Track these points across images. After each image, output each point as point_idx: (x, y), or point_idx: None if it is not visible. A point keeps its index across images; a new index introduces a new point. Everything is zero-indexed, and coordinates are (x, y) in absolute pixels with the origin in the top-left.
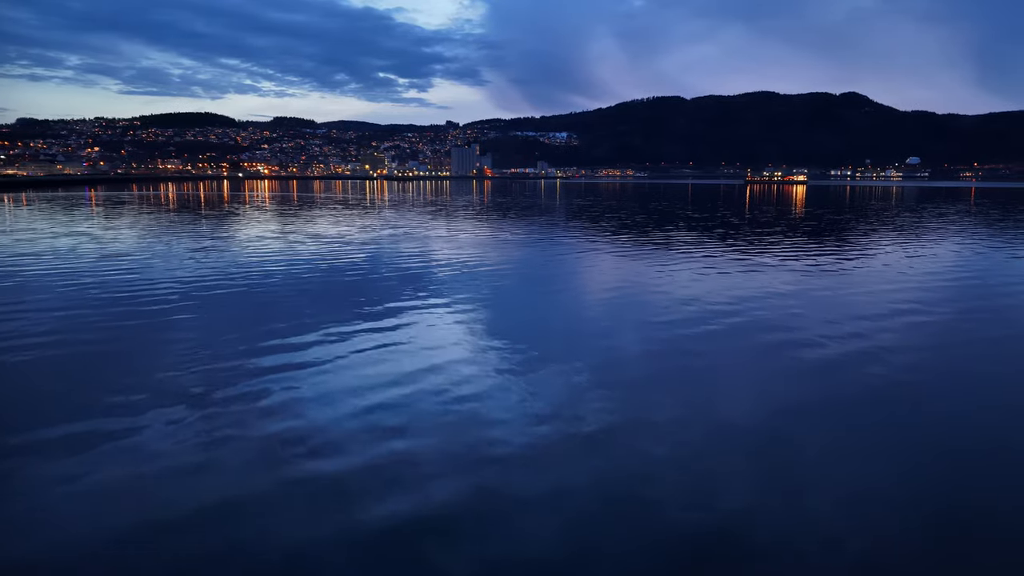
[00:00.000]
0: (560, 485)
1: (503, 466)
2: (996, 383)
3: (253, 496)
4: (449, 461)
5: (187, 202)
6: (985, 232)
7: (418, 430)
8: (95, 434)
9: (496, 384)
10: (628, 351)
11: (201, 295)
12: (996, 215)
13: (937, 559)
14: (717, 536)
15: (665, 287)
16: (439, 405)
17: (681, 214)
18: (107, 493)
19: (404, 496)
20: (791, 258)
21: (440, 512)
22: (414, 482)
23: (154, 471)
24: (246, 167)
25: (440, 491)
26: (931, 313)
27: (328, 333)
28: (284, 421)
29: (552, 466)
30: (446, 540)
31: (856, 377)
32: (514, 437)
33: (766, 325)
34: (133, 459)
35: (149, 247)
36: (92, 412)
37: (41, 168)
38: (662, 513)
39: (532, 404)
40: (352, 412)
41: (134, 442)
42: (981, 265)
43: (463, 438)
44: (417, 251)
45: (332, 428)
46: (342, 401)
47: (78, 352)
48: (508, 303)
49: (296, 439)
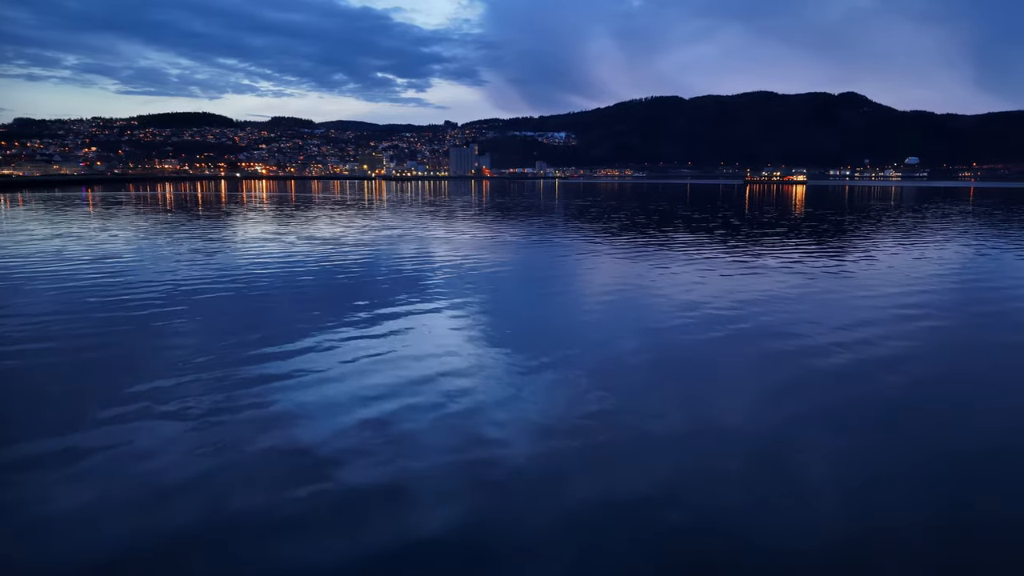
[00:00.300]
0: (563, 499)
1: (503, 488)
2: (1002, 386)
3: (246, 510)
4: (447, 474)
5: (184, 202)
6: (991, 232)
7: (417, 437)
8: (83, 445)
9: (496, 394)
10: (640, 358)
11: (193, 299)
12: (1000, 215)
13: (939, 560)
14: (724, 548)
15: (668, 290)
16: (438, 413)
17: (683, 215)
18: (98, 506)
19: (403, 509)
20: (795, 260)
21: (438, 528)
22: (414, 493)
23: (145, 482)
24: (244, 167)
25: (439, 504)
26: (938, 317)
27: (321, 339)
28: (279, 430)
29: (555, 479)
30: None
31: (865, 382)
32: (516, 453)
33: (772, 330)
34: (124, 470)
35: (141, 249)
36: (80, 423)
37: (37, 168)
38: (667, 523)
39: (533, 414)
40: (350, 422)
41: (124, 452)
42: (988, 267)
43: (462, 449)
44: (416, 253)
45: (331, 439)
46: (339, 409)
47: (65, 360)
48: (510, 307)
49: (293, 450)
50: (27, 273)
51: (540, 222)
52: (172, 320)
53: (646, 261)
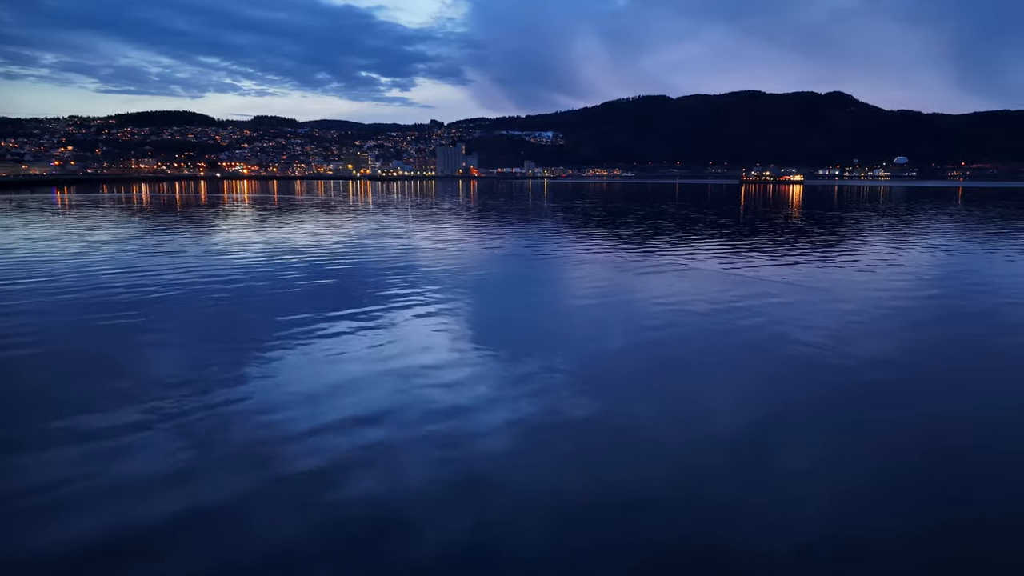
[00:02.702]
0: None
1: (488, 488)
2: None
3: (227, 510)
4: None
5: (158, 204)
6: (1008, 236)
7: (401, 443)
8: (65, 447)
9: (482, 394)
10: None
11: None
12: (1007, 214)
13: (924, 558)
14: (713, 548)
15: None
16: (423, 416)
17: (686, 216)
18: (81, 505)
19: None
20: (832, 265)
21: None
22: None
23: (125, 489)
24: (225, 167)
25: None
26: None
27: (296, 362)
28: (254, 433)
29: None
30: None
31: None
32: (500, 454)
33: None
34: (101, 475)
35: (98, 256)
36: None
37: (5, 168)
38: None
39: (520, 413)
40: (332, 424)
41: (99, 460)
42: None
43: (448, 451)
44: (415, 261)
45: (311, 440)
46: (322, 411)
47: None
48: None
49: (267, 452)
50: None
51: (552, 230)
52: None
53: (729, 278)
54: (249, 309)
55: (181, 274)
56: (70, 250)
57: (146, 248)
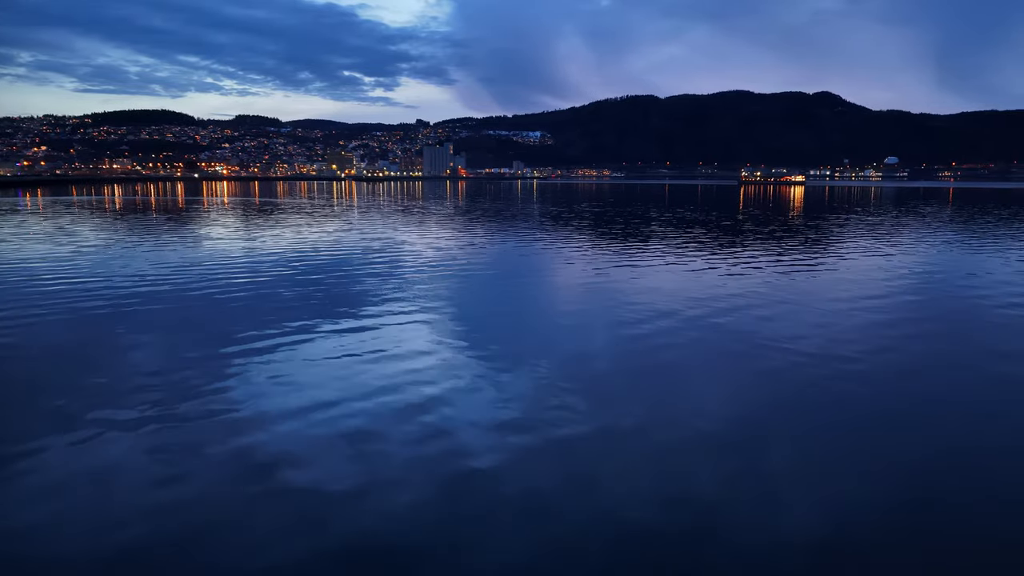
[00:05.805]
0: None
1: (471, 488)
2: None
3: (211, 522)
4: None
5: (123, 208)
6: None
7: (387, 442)
8: (46, 453)
9: (466, 395)
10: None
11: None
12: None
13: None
14: (695, 548)
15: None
16: (410, 415)
17: (690, 218)
18: (60, 513)
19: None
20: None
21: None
22: (381, 496)
23: (102, 489)
24: (204, 167)
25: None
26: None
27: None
28: (241, 436)
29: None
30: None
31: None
32: (485, 454)
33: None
34: (81, 479)
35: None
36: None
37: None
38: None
39: (505, 415)
40: (316, 425)
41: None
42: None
43: (431, 451)
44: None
45: (295, 442)
46: (304, 412)
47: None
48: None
49: (254, 457)
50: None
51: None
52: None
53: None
54: (220, 322)
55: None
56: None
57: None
